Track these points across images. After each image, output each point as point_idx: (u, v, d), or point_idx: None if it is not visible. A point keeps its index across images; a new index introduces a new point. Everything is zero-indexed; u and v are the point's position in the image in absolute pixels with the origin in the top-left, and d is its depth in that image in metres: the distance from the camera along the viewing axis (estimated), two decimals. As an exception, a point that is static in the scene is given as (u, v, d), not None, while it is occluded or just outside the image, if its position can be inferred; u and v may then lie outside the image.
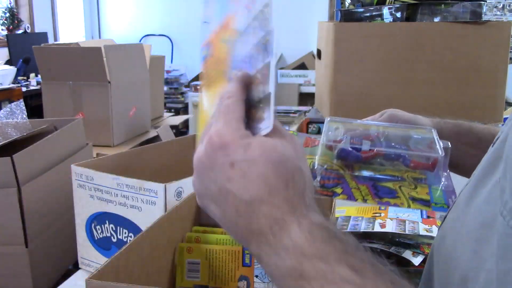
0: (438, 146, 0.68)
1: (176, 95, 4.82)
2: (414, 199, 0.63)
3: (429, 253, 0.52)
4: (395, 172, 0.67)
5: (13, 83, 3.73)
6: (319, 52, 1.85)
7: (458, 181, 0.65)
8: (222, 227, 0.44)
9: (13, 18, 4.59)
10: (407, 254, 0.85)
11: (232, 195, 0.41)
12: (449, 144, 0.70)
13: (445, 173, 0.67)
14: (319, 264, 0.37)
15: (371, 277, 0.37)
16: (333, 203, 0.79)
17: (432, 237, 0.88)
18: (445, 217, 0.52)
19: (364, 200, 0.63)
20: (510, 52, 1.64)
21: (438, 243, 0.50)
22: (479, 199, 0.42)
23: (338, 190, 0.64)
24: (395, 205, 0.63)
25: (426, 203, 0.63)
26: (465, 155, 0.71)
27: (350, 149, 0.67)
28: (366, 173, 0.67)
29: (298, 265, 0.38)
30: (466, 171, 0.53)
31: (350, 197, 0.63)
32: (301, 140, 0.75)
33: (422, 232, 0.90)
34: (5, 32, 4.52)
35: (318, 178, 0.65)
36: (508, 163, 0.37)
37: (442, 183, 0.66)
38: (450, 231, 0.48)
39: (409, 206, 0.62)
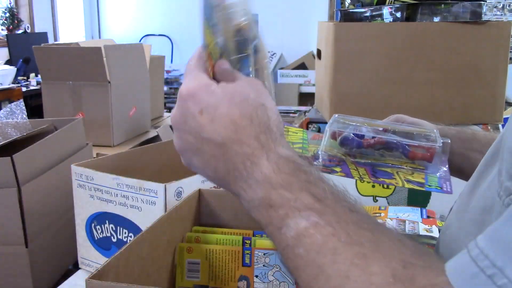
0: (437, 140, 0.70)
1: (176, 95, 4.79)
2: (409, 181, 0.65)
3: (436, 244, 0.53)
4: (395, 162, 0.69)
5: (13, 83, 3.73)
6: (319, 52, 1.85)
7: (461, 185, 0.65)
8: (207, 178, 0.48)
9: (13, 18, 4.59)
10: (407, 254, 0.85)
11: (206, 141, 0.45)
12: (449, 140, 0.71)
13: (444, 168, 0.68)
14: (284, 193, 0.41)
15: (331, 204, 0.40)
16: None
17: (432, 237, 0.88)
18: (450, 209, 0.53)
19: (361, 179, 0.65)
20: (510, 52, 1.64)
21: (443, 232, 0.51)
22: (481, 187, 0.43)
23: (337, 169, 0.66)
24: (390, 184, 0.65)
25: (420, 184, 0.65)
26: (469, 160, 0.72)
27: (352, 135, 0.69)
28: (366, 161, 0.69)
29: (267, 195, 0.42)
30: (470, 176, 0.55)
31: (348, 175, 0.65)
32: (310, 135, 0.77)
33: (422, 232, 0.90)
34: (5, 32, 4.52)
35: (320, 160, 0.68)
36: (503, 147, 0.38)
37: (440, 173, 0.67)
38: (455, 219, 0.49)
39: (403, 185, 0.65)
